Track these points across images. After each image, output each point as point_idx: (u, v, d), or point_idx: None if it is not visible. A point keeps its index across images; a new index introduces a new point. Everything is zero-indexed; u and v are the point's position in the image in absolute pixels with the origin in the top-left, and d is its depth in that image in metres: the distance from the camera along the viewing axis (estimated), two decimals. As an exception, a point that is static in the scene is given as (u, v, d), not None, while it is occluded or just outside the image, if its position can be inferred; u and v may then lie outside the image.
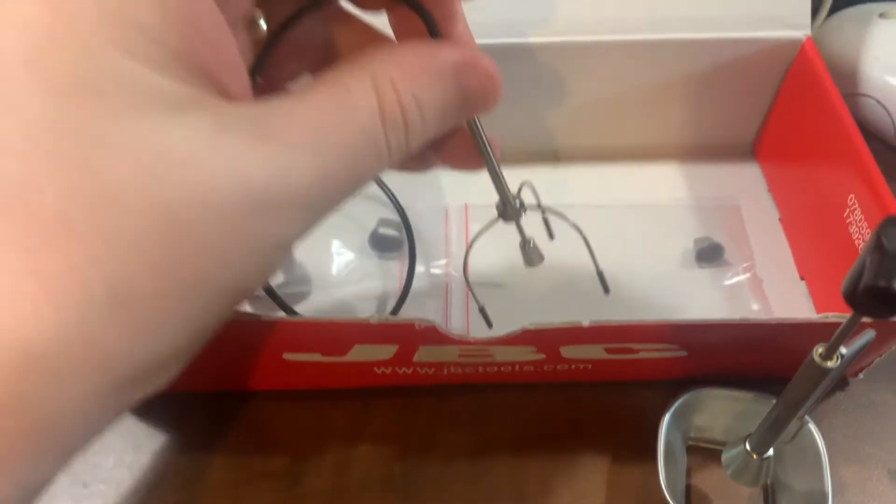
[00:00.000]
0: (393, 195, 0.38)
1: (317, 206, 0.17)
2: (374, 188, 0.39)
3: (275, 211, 0.16)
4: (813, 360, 0.22)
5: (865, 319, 0.20)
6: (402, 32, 0.22)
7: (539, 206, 0.28)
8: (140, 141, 0.14)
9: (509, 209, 0.25)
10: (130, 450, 0.31)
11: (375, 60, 0.18)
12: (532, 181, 0.26)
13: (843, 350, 0.22)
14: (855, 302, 0.18)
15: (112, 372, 0.14)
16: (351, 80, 0.17)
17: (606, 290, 0.30)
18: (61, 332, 0.13)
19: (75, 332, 0.13)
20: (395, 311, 0.35)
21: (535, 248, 0.27)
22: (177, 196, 0.14)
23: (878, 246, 0.17)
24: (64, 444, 0.15)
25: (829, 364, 0.22)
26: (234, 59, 0.17)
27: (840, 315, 0.27)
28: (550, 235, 0.29)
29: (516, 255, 0.28)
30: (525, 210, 0.25)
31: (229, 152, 0.15)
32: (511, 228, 0.26)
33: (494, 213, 0.25)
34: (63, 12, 0.14)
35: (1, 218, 0.13)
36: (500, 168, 0.24)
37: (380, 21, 0.23)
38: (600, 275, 0.30)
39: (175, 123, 0.14)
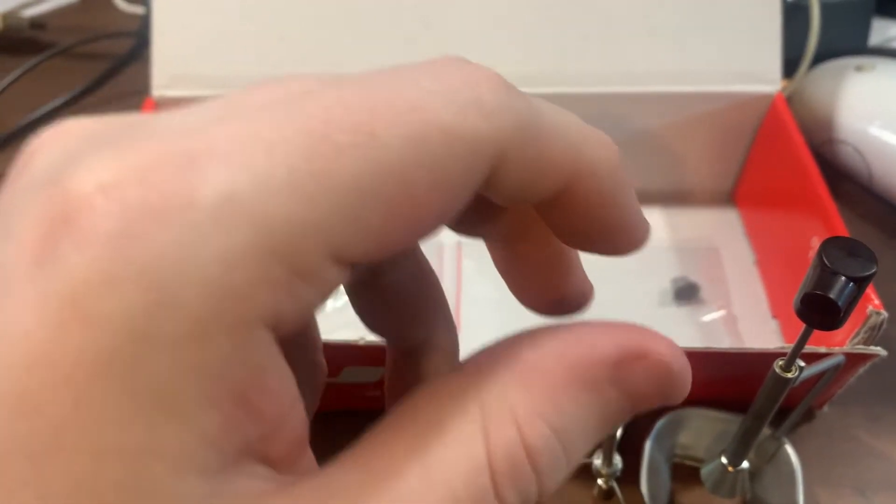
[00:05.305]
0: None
1: None
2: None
3: None
4: (774, 370, 0.24)
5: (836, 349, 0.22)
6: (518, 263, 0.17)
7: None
8: None
9: None
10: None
11: (490, 382, 0.13)
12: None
13: (801, 363, 0.24)
14: (800, 312, 0.21)
15: None
16: (450, 423, 0.12)
17: None
18: None
19: None
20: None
21: None
22: None
23: (819, 262, 0.20)
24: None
25: (789, 375, 0.24)
26: (293, 434, 0.12)
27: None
28: None
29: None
30: None
31: None
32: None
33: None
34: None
35: None
36: None
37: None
38: None
39: None
